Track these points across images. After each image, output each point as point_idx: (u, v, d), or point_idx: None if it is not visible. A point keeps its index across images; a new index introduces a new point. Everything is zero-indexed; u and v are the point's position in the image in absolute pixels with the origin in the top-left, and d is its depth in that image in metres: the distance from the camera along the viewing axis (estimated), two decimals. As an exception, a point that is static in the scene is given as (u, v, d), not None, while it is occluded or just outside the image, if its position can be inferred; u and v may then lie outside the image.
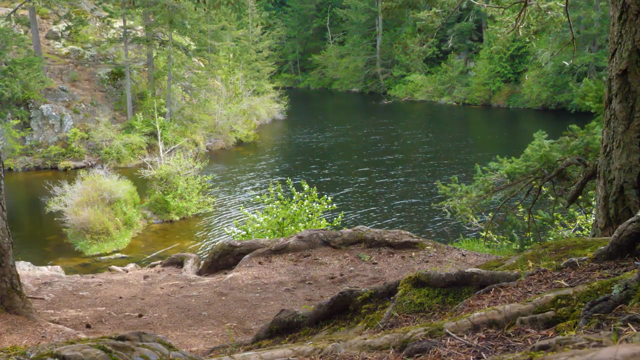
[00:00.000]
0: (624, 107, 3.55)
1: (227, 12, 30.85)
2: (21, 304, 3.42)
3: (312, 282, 5.02)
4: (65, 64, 28.18)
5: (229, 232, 11.42)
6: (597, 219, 3.98)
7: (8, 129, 24.06)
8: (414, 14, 11.92)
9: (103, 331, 3.67)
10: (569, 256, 2.31)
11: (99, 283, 5.14)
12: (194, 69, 30.21)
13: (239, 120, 31.37)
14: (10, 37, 24.31)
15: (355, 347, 1.75)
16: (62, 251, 16.34)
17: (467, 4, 14.38)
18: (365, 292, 2.58)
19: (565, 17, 8.77)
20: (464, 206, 8.52)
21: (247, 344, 2.82)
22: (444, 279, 2.31)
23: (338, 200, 18.48)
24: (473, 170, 9.38)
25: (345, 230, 6.03)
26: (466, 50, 44.98)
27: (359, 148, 29.01)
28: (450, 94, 43.14)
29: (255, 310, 4.25)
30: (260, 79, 39.53)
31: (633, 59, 3.47)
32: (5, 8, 27.59)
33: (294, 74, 58.03)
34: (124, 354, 1.64)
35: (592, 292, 1.70)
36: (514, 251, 7.46)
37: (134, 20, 29.04)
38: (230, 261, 5.93)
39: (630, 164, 3.54)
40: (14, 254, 3.49)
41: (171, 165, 19.16)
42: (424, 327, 1.75)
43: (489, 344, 1.58)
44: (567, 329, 1.56)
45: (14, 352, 1.74)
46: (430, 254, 5.50)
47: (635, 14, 3.44)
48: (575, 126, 7.65)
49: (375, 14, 49.79)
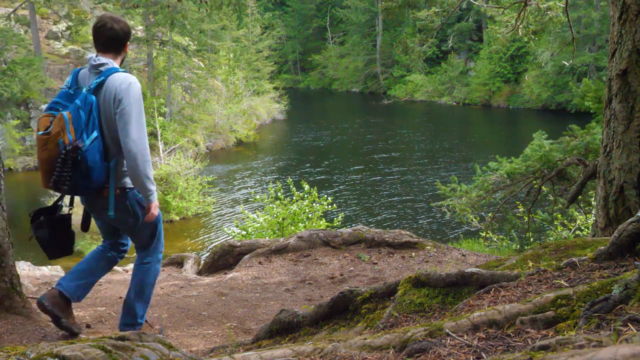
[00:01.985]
0: (624, 107, 3.55)
1: (228, 12, 30.83)
2: (21, 304, 3.42)
3: (312, 282, 5.02)
4: (65, 64, 28.18)
5: (229, 232, 11.42)
6: (597, 219, 3.98)
7: (8, 129, 24.05)
8: (414, 14, 11.92)
9: (103, 331, 3.67)
10: (569, 256, 2.31)
11: (99, 283, 5.14)
12: (194, 69, 30.21)
13: (239, 120, 31.37)
14: (10, 37, 24.30)
15: (355, 347, 1.75)
16: (62, 251, 16.32)
17: (467, 4, 14.39)
18: (365, 292, 2.58)
19: (564, 17, 8.77)
20: (463, 206, 8.52)
21: (247, 344, 2.82)
22: (444, 279, 2.32)
23: (338, 200, 18.48)
24: (473, 170, 9.38)
25: (345, 230, 6.03)
26: (466, 50, 44.97)
27: (359, 148, 29.01)
28: (450, 94, 43.12)
29: (255, 310, 4.25)
30: (261, 79, 39.51)
31: (633, 59, 3.47)
32: (5, 8, 27.59)
33: (294, 74, 58.02)
34: (124, 354, 1.64)
35: (592, 292, 1.70)
36: (514, 251, 7.46)
37: (134, 20, 29.03)
38: (230, 261, 5.93)
39: (630, 164, 3.54)
40: (14, 254, 3.49)
41: (171, 165, 19.16)
42: (424, 327, 1.75)
43: (489, 344, 1.58)
44: (567, 329, 1.57)
45: (14, 352, 1.74)
46: (430, 254, 5.50)
47: (635, 14, 3.44)
48: (575, 126, 7.65)
49: (375, 14, 49.76)
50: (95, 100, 2.93)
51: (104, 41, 3.03)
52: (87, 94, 2.92)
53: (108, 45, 3.04)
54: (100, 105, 2.96)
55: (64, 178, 2.87)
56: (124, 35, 3.06)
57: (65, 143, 2.84)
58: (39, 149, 2.93)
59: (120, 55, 3.09)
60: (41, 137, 2.90)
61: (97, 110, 2.94)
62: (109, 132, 2.99)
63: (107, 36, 3.02)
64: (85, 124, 2.89)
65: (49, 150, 2.88)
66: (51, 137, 2.86)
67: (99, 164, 2.94)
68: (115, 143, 3.01)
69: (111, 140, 3.00)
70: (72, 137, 2.85)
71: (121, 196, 3.10)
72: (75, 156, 2.85)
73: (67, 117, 2.86)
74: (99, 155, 2.93)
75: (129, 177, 3.08)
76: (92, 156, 2.90)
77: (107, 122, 2.98)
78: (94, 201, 3.18)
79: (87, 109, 2.90)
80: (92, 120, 2.90)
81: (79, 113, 2.88)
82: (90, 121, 2.90)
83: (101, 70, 2.99)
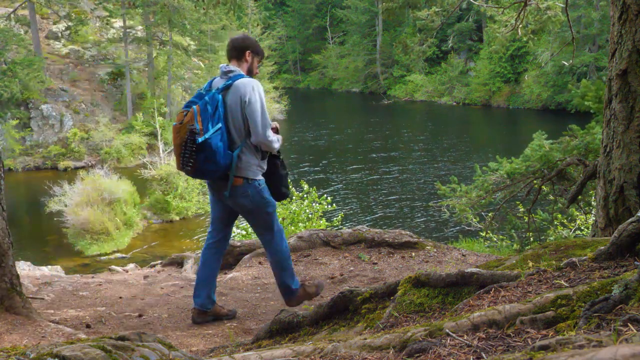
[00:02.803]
0: (624, 107, 3.55)
1: (225, 10, 30.84)
2: (21, 304, 3.42)
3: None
4: (65, 64, 28.18)
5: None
6: (597, 219, 3.98)
7: (8, 129, 24.05)
8: (414, 13, 11.93)
9: (103, 331, 3.67)
10: (569, 256, 2.31)
11: (99, 283, 5.14)
12: (194, 69, 30.21)
13: (239, 120, 31.34)
14: (10, 37, 24.31)
15: (355, 347, 1.75)
16: (62, 251, 16.34)
17: (467, 4, 14.39)
18: (365, 292, 2.58)
19: (564, 17, 8.77)
20: (463, 206, 8.52)
21: (247, 344, 2.82)
22: (444, 279, 2.31)
23: (337, 200, 18.47)
24: (472, 170, 9.38)
25: (345, 230, 6.03)
26: (466, 50, 44.96)
27: (359, 147, 29.01)
28: (450, 94, 43.11)
29: (255, 310, 4.25)
30: (260, 79, 39.52)
31: (633, 59, 3.47)
32: (5, 8, 27.58)
33: (294, 74, 58.00)
34: (124, 354, 1.64)
35: (592, 292, 1.70)
36: (514, 251, 7.46)
37: (134, 20, 29.03)
38: (230, 261, 5.92)
39: (630, 164, 3.54)
40: (14, 254, 3.49)
41: (171, 165, 19.16)
42: (424, 327, 1.75)
43: (489, 344, 1.58)
44: (567, 329, 1.56)
45: (14, 352, 1.74)
46: (430, 254, 5.50)
47: (635, 14, 3.44)
48: (575, 126, 7.64)
49: (375, 14, 49.76)
50: (222, 98, 3.50)
51: (228, 50, 3.72)
52: (215, 93, 3.51)
53: (230, 53, 3.69)
54: (226, 102, 3.52)
55: (186, 160, 3.42)
56: (241, 42, 3.70)
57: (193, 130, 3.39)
58: (173, 137, 3.51)
59: (242, 61, 3.67)
60: (175, 127, 3.49)
61: (223, 106, 3.50)
62: (233, 126, 3.53)
63: (230, 47, 3.70)
64: (211, 116, 3.44)
65: (180, 137, 3.44)
66: (182, 126, 3.43)
67: (222, 150, 3.45)
68: (239, 135, 3.55)
69: (235, 133, 3.54)
70: (199, 125, 3.40)
71: (244, 185, 3.61)
72: (193, 139, 3.37)
73: (196, 110, 3.43)
74: (221, 143, 3.45)
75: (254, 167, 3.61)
76: (215, 143, 3.41)
77: (232, 117, 3.53)
78: (219, 187, 3.66)
79: (213, 105, 3.46)
80: (218, 114, 3.46)
81: (207, 107, 3.44)
82: (215, 114, 3.45)
83: (230, 76, 3.59)
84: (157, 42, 28.92)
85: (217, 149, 3.42)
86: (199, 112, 3.42)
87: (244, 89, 3.49)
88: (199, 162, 3.42)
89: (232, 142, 3.54)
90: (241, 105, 3.50)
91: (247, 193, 3.60)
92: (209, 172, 3.53)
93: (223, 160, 3.46)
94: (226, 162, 3.49)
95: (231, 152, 3.52)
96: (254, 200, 3.65)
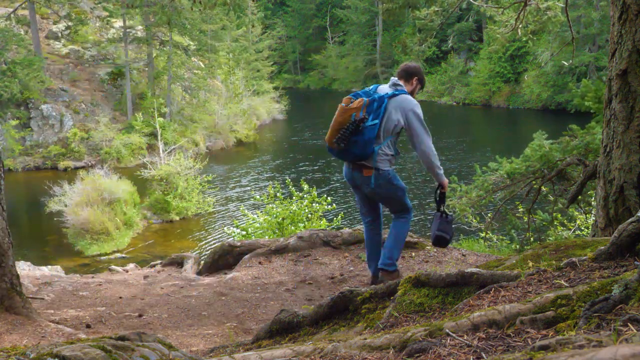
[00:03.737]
0: (624, 107, 3.55)
1: (225, 11, 30.83)
2: (21, 304, 3.42)
3: (312, 282, 5.02)
4: (65, 64, 28.17)
5: (229, 232, 11.42)
6: (597, 219, 3.98)
7: (8, 129, 24.05)
8: (414, 13, 11.92)
9: (103, 331, 3.67)
10: (569, 256, 2.31)
11: (99, 283, 5.14)
12: (194, 69, 30.21)
13: (239, 120, 31.36)
14: (10, 37, 24.30)
15: (355, 347, 1.75)
16: (62, 251, 16.33)
17: (467, 4, 14.38)
18: (365, 292, 2.58)
19: (564, 17, 8.76)
20: (463, 206, 8.51)
21: (247, 344, 2.82)
22: (444, 279, 2.31)
23: (336, 199, 18.48)
24: (472, 170, 9.38)
25: (345, 230, 6.03)
26: (466, 50, 44.97)
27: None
28: (450, 94, 43.12)
29: (255, 310, 4.25)
30: (260, 79, 39.52)
31: (633, 59, 3.47)
32: (5, 8, 27.58)
33: (294, 74, 58.00)
34: (124, 354, 1.64)
35: (592, 292, 1.70)
36: (514, 251, 7.46)
37: (133, 20, 29.02)
38: (230, 261, 5.93)
39: (630, 164, 3.54)
40: (14, 254, 3.49)
41: (171, 165, 19.15)
42: (424, 327, 1.75)
43: (489, 344, 1.58)
44: (567, 329, 1.56)
45: (14, 352, 1.74)
46: (430, 254, 5.50)
47: (635, 14, 3.44)
48: (575, 126, 7.64)
49: (375, 14, 49.77)
50: (387, 102, 4.17)
51: (399, 71, 4.47)
52: (385, 96, 4.19)
53: (401, 73, 4.44)
54: (387, 107, 4.18)
55: (344, 138, 4.08)
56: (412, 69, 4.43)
57: (357, 117, 4.08)
58: (338, 115, 4.16)
59: (408, 83, 4.39)
60: (343, 107, 4.16)
61: (385, 109, 4.16)
62: (384, 127, 4.16)
63: (402, 68, 4.47)
64: (374, 112, 4.12)
65: (344, 117, 4.11)
66: (350, 109, 4.12)
67: (370, 142, 4.10)
68: (385, 135, 4.18)
69: (383, 132, 4.17)
70: (363, 114, 4.10)
71: (378, 174, 4.22)
72: (358, 124, 4.06)
73: (366, 102, 4.14)
74: (373, 135, 4.10)
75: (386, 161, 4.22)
76: (368, 133, 4.09)
77: (387, 120, 4.17)
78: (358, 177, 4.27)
79: (379, 103, 4.15)
80: (379, 112, 4.13)
81: (373, 104, 4.14)
82: (377, 112, 4.13)
83: (398, 89, 4.28)
84: (157, 42, 28.92)
85: (369, 139, 4.08)
86: (367, 105, 4.11)
87: (409, 104, 4.19)
88: (350, 144, 4.09)
89: (378, 138, 4.15)
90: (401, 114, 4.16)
91: (378, 182, 4.22)
92: (351, 154, 4.16)
93: (368, 149, 4.11)
94: (368, 152, 4.12)
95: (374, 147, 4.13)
96: (385, 188, 4.27)
